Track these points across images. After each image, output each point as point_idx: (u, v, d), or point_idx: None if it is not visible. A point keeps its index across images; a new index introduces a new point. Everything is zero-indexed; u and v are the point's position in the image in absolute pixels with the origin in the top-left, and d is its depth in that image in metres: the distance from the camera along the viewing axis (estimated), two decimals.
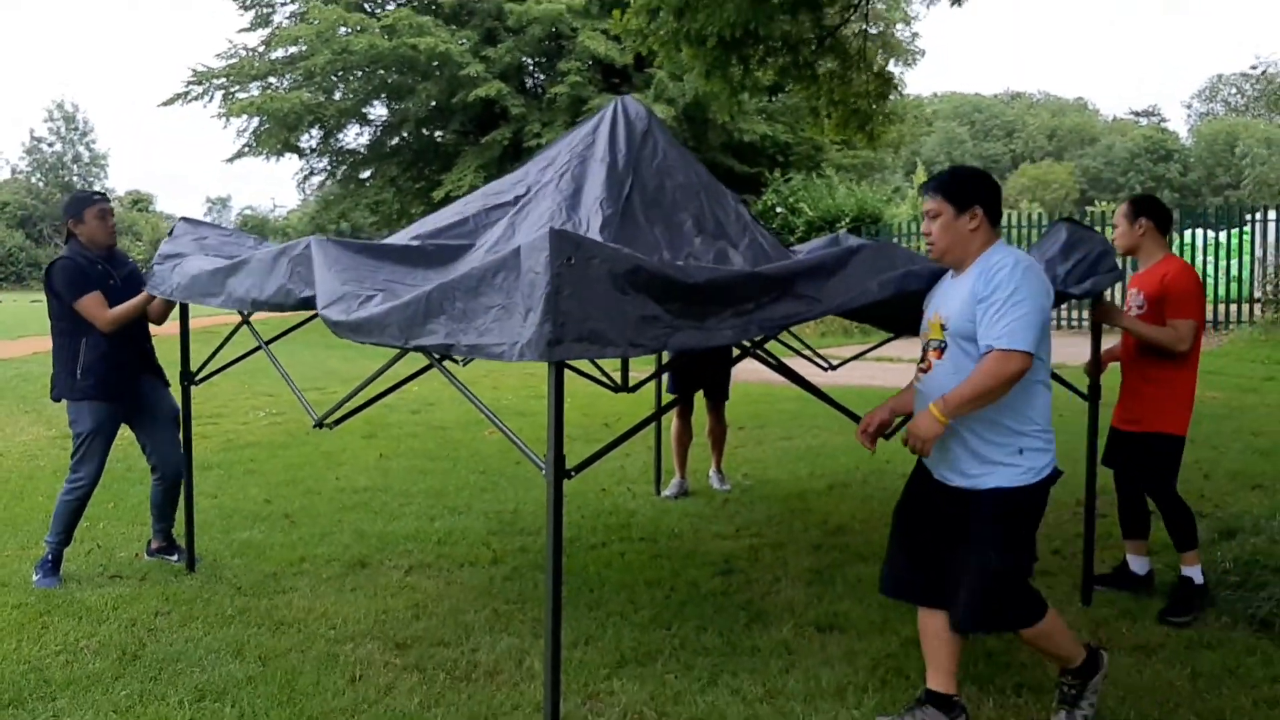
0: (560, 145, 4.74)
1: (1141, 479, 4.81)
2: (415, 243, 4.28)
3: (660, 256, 3.99)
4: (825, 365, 6.22)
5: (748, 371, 12.64)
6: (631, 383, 6.38)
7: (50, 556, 5.18)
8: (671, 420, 7.08)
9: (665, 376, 7.07)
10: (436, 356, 3.75)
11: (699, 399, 7.23)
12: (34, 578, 5.13)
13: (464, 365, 7.03)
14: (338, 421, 4.72)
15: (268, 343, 4.82)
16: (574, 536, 5.96)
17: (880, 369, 13.40)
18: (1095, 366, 4.85)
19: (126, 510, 6.53)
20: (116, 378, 5.18)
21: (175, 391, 5.42)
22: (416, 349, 3.23)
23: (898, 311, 4.30)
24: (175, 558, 5.48)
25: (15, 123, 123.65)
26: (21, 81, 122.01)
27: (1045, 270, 4.25)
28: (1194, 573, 4.65)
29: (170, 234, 5.12)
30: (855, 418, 4.13)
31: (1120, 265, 4.59)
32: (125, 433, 5.40)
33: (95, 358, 5.11)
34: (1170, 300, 4.55)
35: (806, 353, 6.21)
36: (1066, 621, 4.34)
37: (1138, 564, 4.91)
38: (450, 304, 3.11)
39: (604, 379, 6.27)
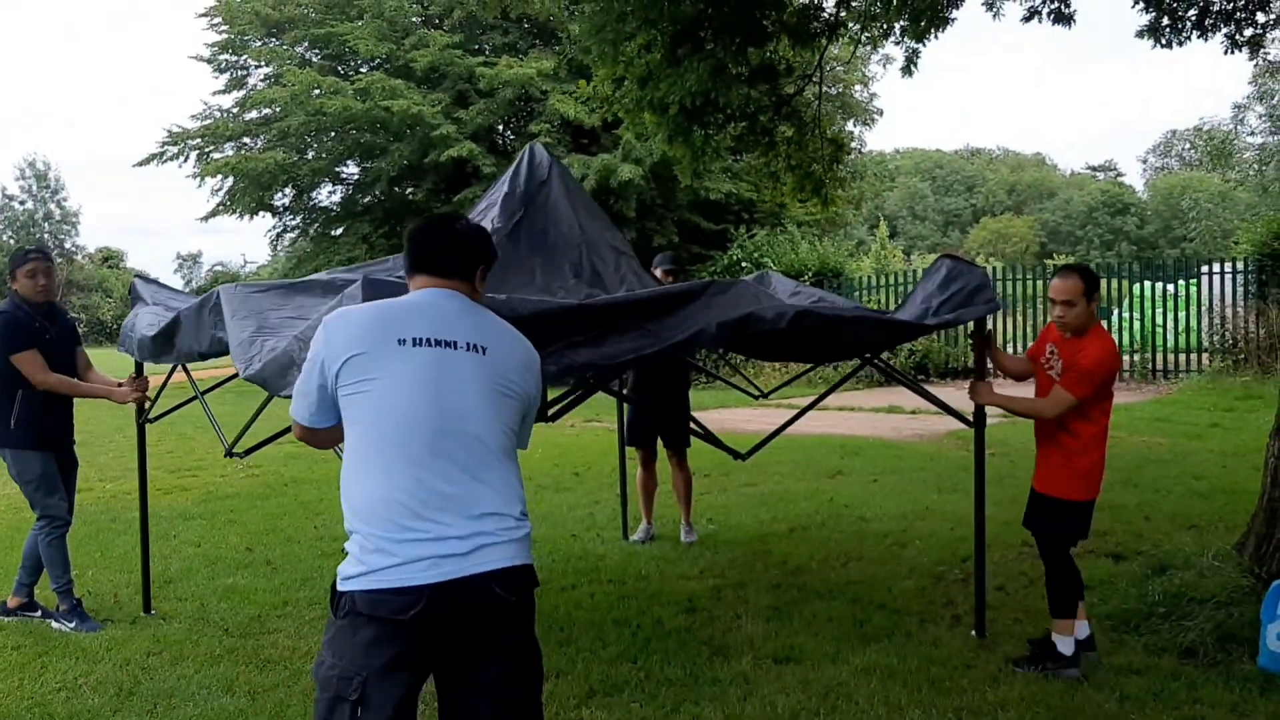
0: (488, 192, 5.19)
1: (1037, 536, 4.78)
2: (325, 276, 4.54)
3: (534, 281, 4.29)
4: (757, 393, 6.54)
5: (713, 421, 12.98)
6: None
7: (68, 604, 5.41)
8: (637, 469, 7.37)
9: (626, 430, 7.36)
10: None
11: (661, 449, 7.50)
12: (68, 627, 5.34)
13: None
14: (248, 451, 4.94)
15: (210, 389, 5.16)
16: (546, 579, 6.24)
17: (842, 418, 13.80)
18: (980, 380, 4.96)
19: (114, 559, 6.77)
20: (50, 427, 5.45)
21: (129, 431, 5.71)
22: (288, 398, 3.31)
23: (797, 345, 4.58)
24: (38, 614, 5.56)
25: None
26: None
27: (921, 302, 4.68)
28: (1061, 643, 4.52)
29: (131, 293, 5.45)
30: (732, 455, 4.44)
31: (998, 299, 4.87)
32: (110, 485, 5.66)
33: (30, 409, 5.37)
34: (1071, 369, 4.46)
35: (740, 381, 6.51)
36: (1010, 651, 4.70)
37: (1077, 627, 4.72)
38: (299, 352, 3.18)
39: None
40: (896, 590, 5.80)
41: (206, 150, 26.16)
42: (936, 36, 8.72)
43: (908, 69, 9.48)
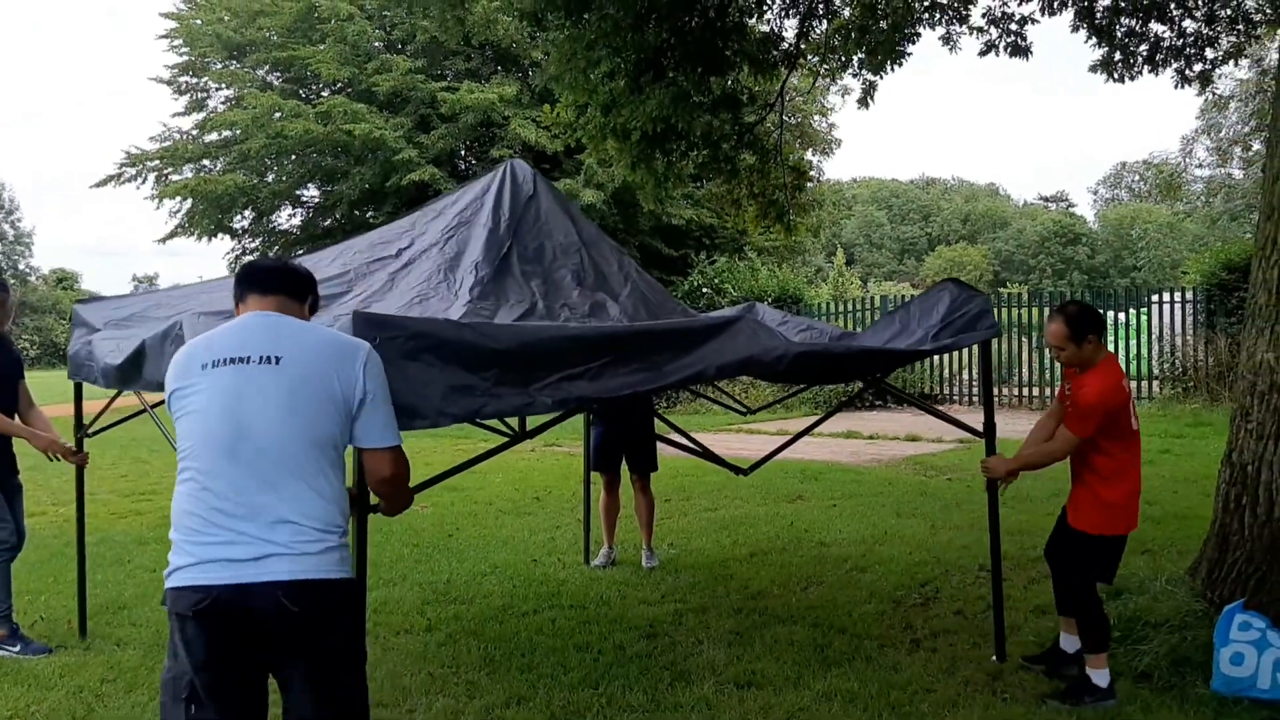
0: (451, 202, 5.05)
1: (1057, 567, 4.84)
2: None
3: (536, 306, 4.30)
4: (743, 410, 6.56)
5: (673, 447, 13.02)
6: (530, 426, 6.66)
7: (8, 629, 5.30)
8: (600, 493, 7.38)
9: (592, 454, 7.36)
10: None
11: (625, 473, 7.50)
12: (12, 652, 5.24)
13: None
14: None
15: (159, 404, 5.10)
16: (506, 604, 6.23)
17: (801, 443, 13.86)
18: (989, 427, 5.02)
19: (67, 584, 6.64)
20: None
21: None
22: None
23: (796, 375, 4.62)
24: (17, 648, 5.35)
25: None
26: None
27: (920, 327, 4.73)
28: (1097, 676, 4.51)
29: (72, 321, 5.34)
30: (734, 470, 4.49)
31: (996, 325, 4.91)
32: (63, 510, 5.58)
33: None
34: (1073, 406, 4.52)
35: (726, 400, 6.52)
36: (969, 675, 4.76)
37: (1067, 642, 4.86)
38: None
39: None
40: (856, 615, 5.84)
41: (165, 172, 25.97)
42: (893, 69, 8.90)
43: (865, 101, 9.66)
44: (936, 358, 20.21)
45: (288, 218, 27.96)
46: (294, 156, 25.28)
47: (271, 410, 2.62)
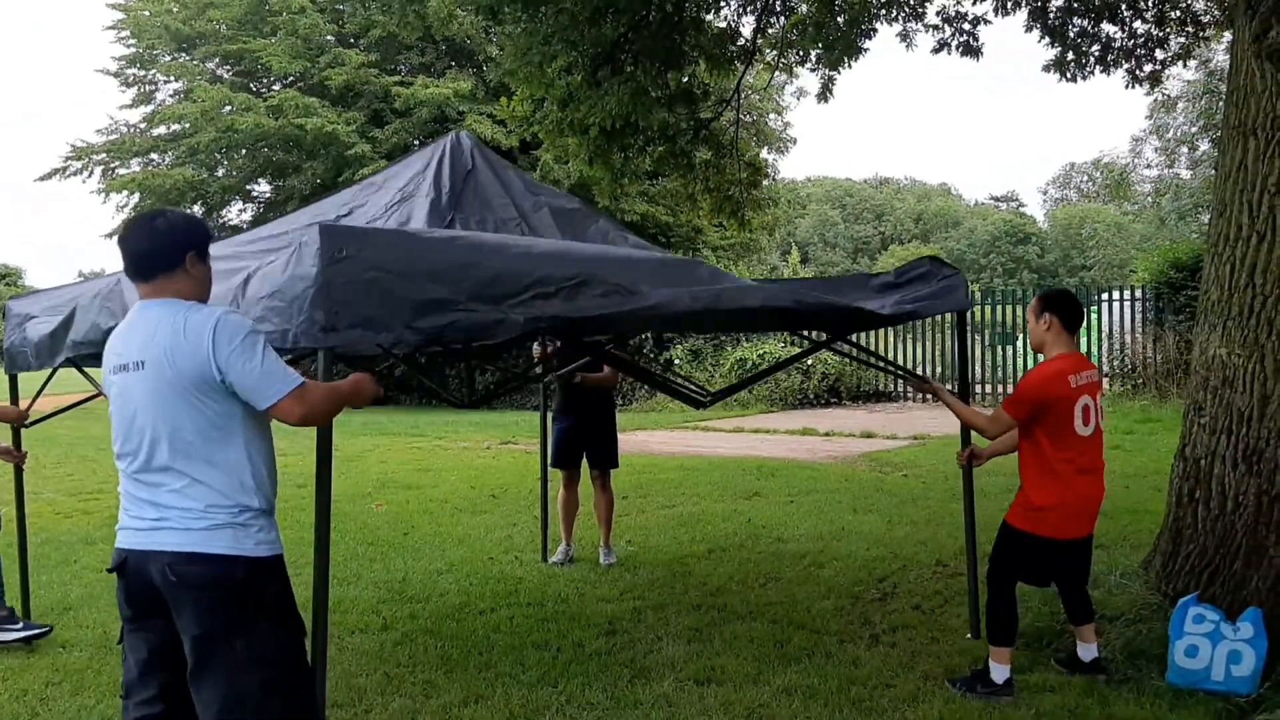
0: (392, 175, 4.96)
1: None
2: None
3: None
4: (702, 397, 6.36)
5: (633, 444, 13.00)
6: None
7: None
8: (558, 490, 7.32)
9: (549, 451, 7.31)
10: None
11: (585, 470, 7.45)
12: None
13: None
14: None
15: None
16: (463, 603, 6.16)
17: (758, 439, 13.92)
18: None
19: (9, 585, 6.45)
20: None
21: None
22: None
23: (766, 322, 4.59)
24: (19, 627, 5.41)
25: None
26: None
27: (881, 294, 4.78)
28: (995, 670, 4.52)
29: (5, 316, 5.20)
30: (694, 404, 4.43)
31: (968, 300, 5.00)
32: (3, 510, 5.43)
33: None
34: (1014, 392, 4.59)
35: (684, 386, 6.39)
36: (928, 669, 4.75)
37: (1082, 650, 4.74)
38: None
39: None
40: (815, 610, 5.84)
41: (112, 166, 25.48)
42: (850, 65, 8.93)
43: (824, 95, 9.69)
44: (901, 351, 20.41)
45: (238, 213, 27.56)
46: (244, 151, 24.93)
47: (148, 410, 2.88)
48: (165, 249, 2.95)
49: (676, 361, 19.80)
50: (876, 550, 7.22)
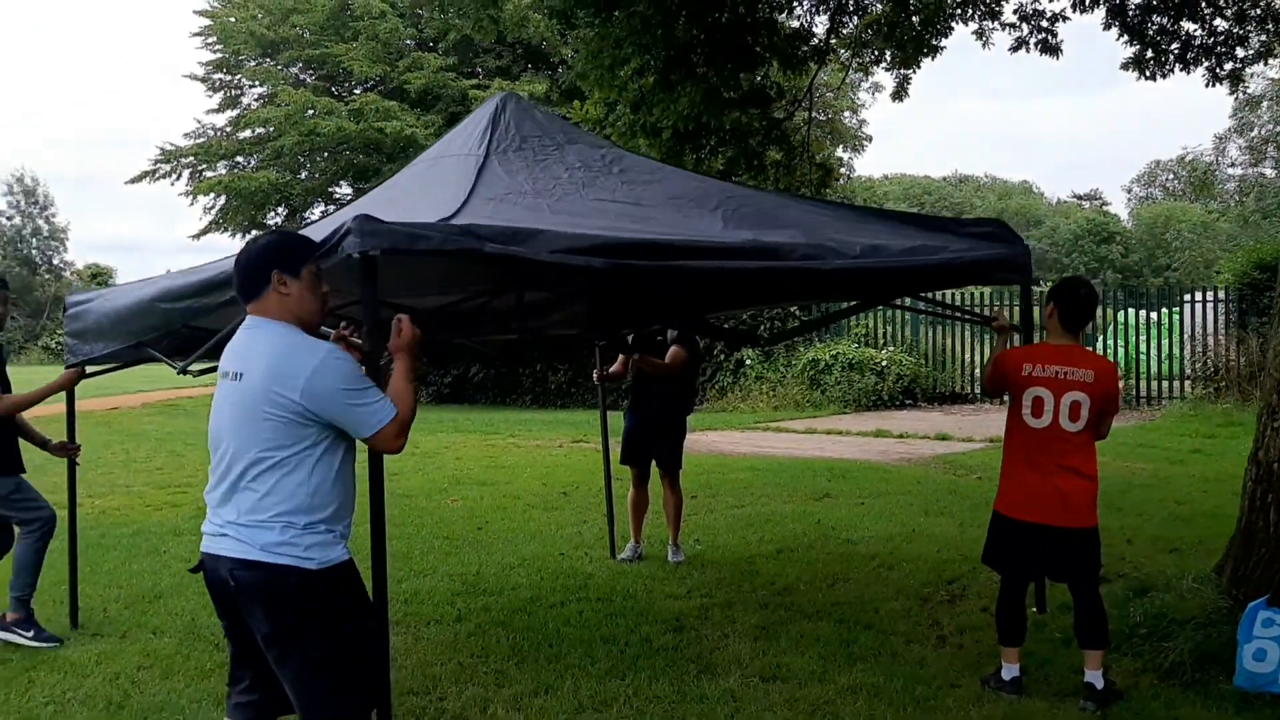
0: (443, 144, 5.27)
1: None
2: None
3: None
4: (761, 336, 6.44)
5: (703, 444, 13.06)
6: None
7: (24, 613, 5.36)
8: (629, 488, 7.40)
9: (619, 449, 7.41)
10: None
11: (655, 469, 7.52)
12: (25, 637, 5.31)
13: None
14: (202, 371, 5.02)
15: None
16: (534, 596, 6.29)
17: (830, 441, 13.87)
18: None
19: (103, 574, 6.79)
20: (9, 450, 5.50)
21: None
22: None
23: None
24: (30, 634, 5.39)
25: None
26: None
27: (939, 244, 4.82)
28: (1004, 668, 4.57)
29: (66, 313, 5.45)
30: (751, 344, 4.48)
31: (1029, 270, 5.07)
32: (98, 501, 5.68)
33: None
34: None
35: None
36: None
37: (1087, 674, 4.52)
38: None
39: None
40: (883, 611, 5.85)
41: (199, 168, 26.26)
42: (921, 65, 8.89)
43: (898, 94, 9.65)
44: (968, 357, 20.12)
45: (321, 215, 28.19)
46: (326, 154, 25.50)
47: (233, 423, 3.05)
48: (252, 272, 3.14)
49: (748, 361, 19.78)
50: (947, 553, 7.19)
